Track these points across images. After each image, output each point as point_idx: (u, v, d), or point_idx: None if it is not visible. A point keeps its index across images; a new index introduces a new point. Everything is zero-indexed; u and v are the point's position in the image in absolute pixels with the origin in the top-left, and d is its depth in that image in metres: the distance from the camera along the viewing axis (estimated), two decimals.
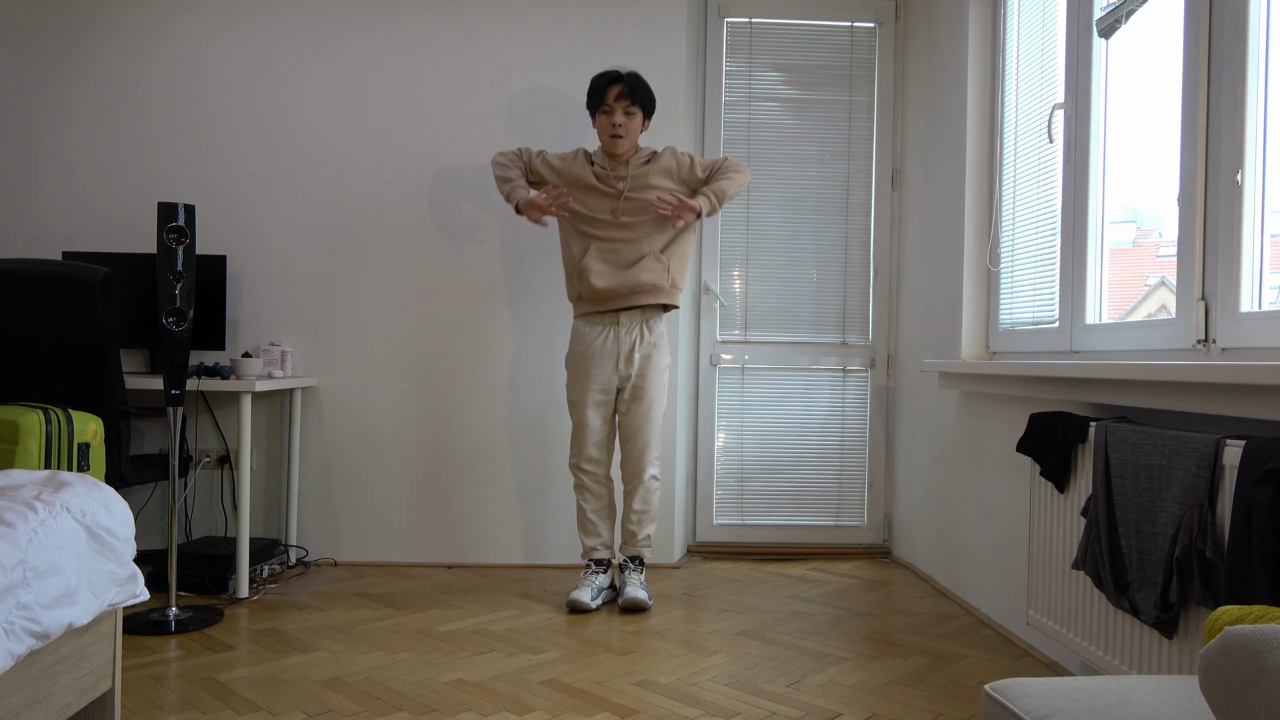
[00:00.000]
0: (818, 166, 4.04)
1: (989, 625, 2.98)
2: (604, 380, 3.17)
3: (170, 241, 2.83)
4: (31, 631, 1.59)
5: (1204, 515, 1.75)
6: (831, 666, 2.58)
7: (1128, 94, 2.51)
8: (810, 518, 4.03)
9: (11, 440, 2.43)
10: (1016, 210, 3.07)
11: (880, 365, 4.05)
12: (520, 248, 3.73)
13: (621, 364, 3.15)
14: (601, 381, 3.16)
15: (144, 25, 3.70)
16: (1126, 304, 2.56)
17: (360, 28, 3.73)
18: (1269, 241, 1.96)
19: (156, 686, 2.36)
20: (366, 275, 3.72)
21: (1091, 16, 2.59)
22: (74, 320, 2.80)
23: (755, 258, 4.03)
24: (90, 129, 3.69)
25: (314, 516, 3.72)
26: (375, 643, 2.73)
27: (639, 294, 3.13)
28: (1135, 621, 2.02)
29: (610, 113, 3.14)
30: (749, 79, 4.02)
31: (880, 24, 4.04)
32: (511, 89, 3.74)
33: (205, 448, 3.67)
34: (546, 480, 3.72)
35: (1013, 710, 1.20)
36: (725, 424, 4.03)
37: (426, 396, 3.72)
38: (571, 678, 2.46)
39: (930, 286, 3.60)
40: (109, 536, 1.85)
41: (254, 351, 3.63)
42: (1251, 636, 0.89)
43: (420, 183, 3.73)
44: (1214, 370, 1.75)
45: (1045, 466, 2.36)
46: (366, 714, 2.19)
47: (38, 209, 3.68)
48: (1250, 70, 1.96)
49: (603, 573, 3.22)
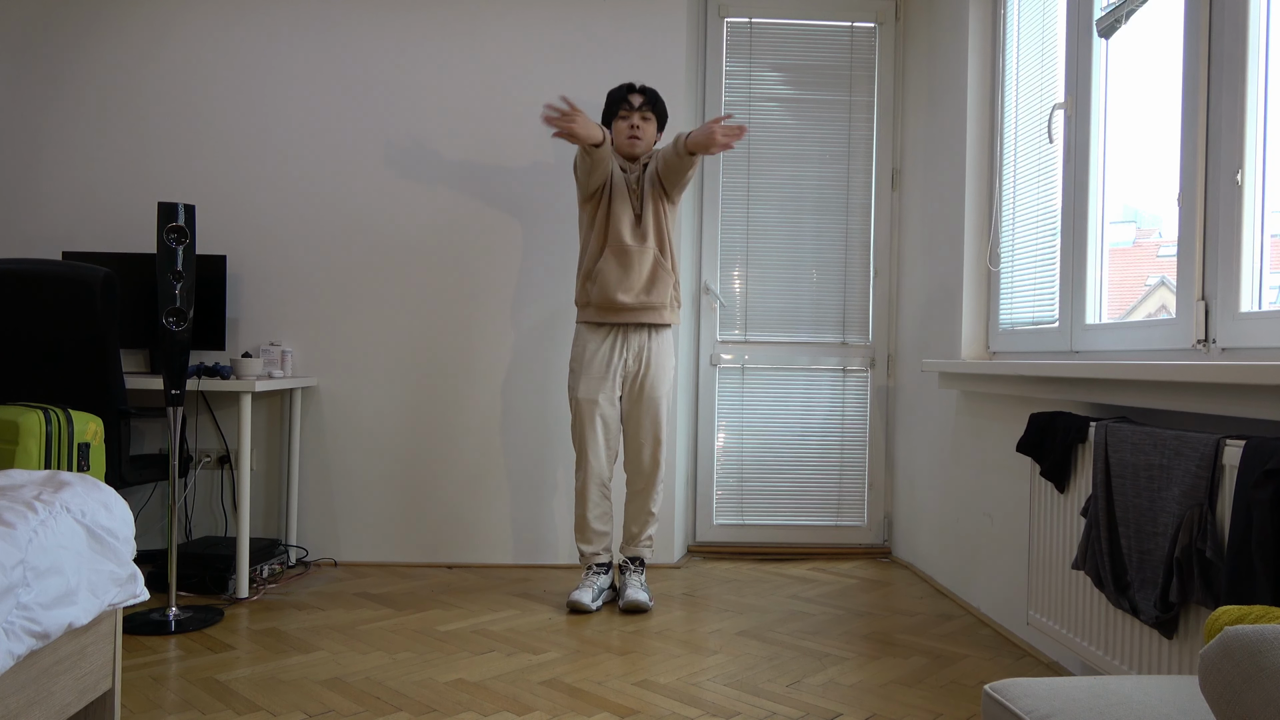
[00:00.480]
0: (818, 166, 4.04)
1: (989, 625, 2.98)
2: (611, 378, 3.16)
3: (170, 241, 2.83)
4: (31, 631, 1.59)
5: (1204, 515, 1.75)
6: (831, 666, 2.58)
7: (1128, 94, 2.51)
8: (810, 518, 4.03)
9: (11, 440, 2.43)
10: (1016, 210, 3.07)
11: (880, 365, 4.05)
12: (521, 247, 3.73)
13: (630, 360, 3.16)
14: (608, 380, 3.15)
15: (144, 25, 3.70)
16: (1126, 304, 2.56)
17: (360, 28, 3.73)
18: (1269, 241, 1.96)
19: (156, 686, 2.36)
20: (367, 275, 3.72)
21: (1091, 16, 2.59)
22: (74, 320, 2.80)
23: (755, 258, 4.03)
24: (90, 129, 3.69)
25: (314, 516, 3.72)
26: (375, 643, 2.73)
27: (649, 311, 3.15)
28: (1135, 621, 2.02)
29: (629, 115, 3.18)
30: (749, 79, 4.02)
31: (880, 24, 4.04)
32: (512, 89, 3.74)
33: (205, 448, 3.67)
34: (547, 480, 3.72)
35: (1013, 710, 1.20)
36: (725, 424, 4.03)
37: (427, 396, 3.72)
38: (571, 678, 2.46)
39: (930, 286, 3.60)
40: (109, 536, 1.85)
41: (254, 351, 3.63)
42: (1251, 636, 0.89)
43: (421, 183, 3.73)
44: (1214, 370, 1.75)
45: (1045, 466, 2.36)
46: (366, 714, 2.19)
47: (38, 209, 3.68)
48: (1250, 70, 1.96)
49: (603, 574, 3.22)
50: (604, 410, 3.16)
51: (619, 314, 3.14)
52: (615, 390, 3.18)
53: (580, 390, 3.17)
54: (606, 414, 3.17)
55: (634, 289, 3.12)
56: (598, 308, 3.16)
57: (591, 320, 3.18)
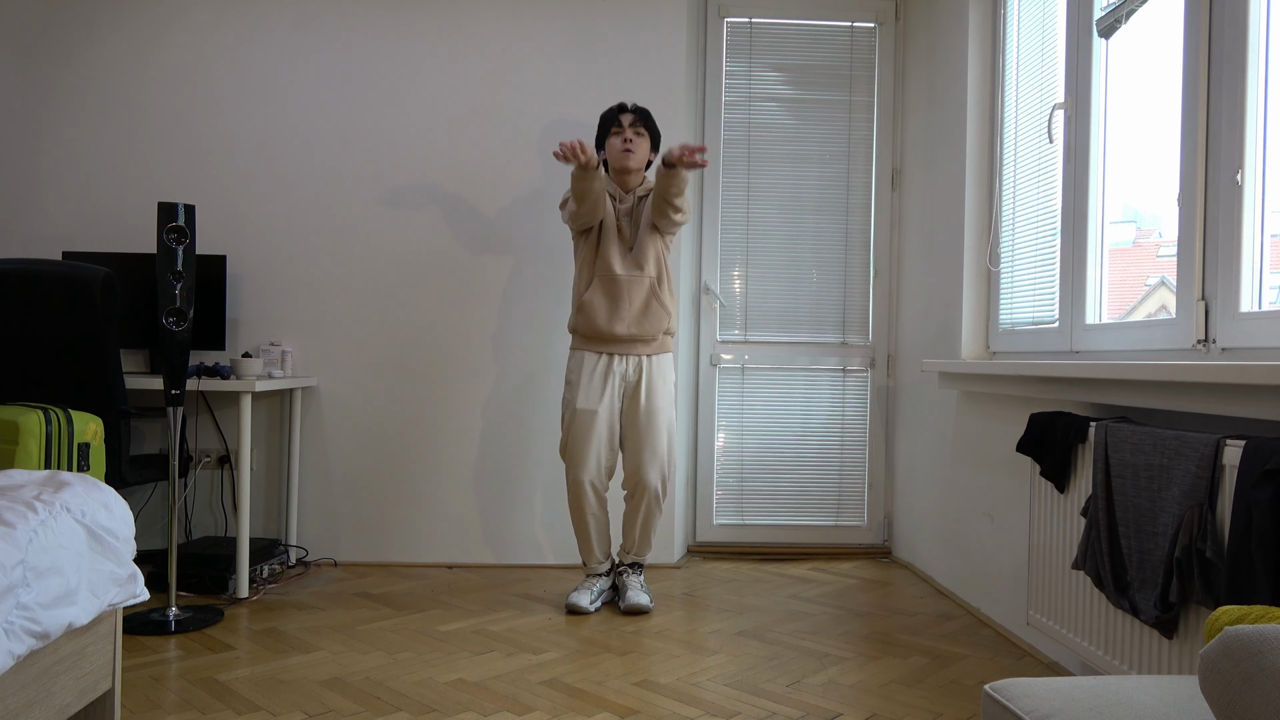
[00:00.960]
0: (818, 166, 4.04)
1: (989, 625, 2.98)
2: (609, 390, 3.09)
3: (170, 241, 2.83)
4: (31, 631, 1.59)
5: (1204, 515, 1.75)
6: (831, 666, 2.58)
7: (1128, 94, 2.51)
8: (810, 518, 4.03)
9: (11, 440, 2.43)
10: (1016, 210, 3.07)
11: (880, 365, 4.05)
12: (520, 248, 3.73)
13: (630, 371, 3.11)
14: (607, 390, 3.09)
15: (144, 26, 3.70)
16: (1126, 304, 2.56)
17: (360, 28, 3.73)
18: (1269, 241, 1.96)
19: (156, 686, 2.36)
20: (366, 275, 3.72)
21: (1091, 16, 2.59)
22: (74, 320, 2.80)
23: (755, 258, 4.03)
24: (90, 129, 3.69)
25: (314, 516, 3.72)
26: (375, 643, 2.73)
27: (640, 344, 3.12)
28: (1135, 621, 2.02)
29: (621, 131, 3.14)
30: (749, 79, 4.02)
31: (880, 24, 4.04)
32: (511, 89, 3.74)
33: (205, 448, 3.67)
34: (547, 480, 3.72)
35: (1013, 710, 1.20)
36: (725, 424, 4.03)
37: (426, 396, 3.72)
38: (571, 678, 2.46)
39: (930, 286, 3.60)
40: (109, 536, 1.85)
41: (254, 351, 3.63)
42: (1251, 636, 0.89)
43: (420, 183, 3.73)
44: (1214, 370, 1.75)
45: (1045, 466, 2.36)
46: (366, 714, 2.19)
47: (38, 209, 3.68)
48: (1250, 70, 1.96)
49: (603, 574, 3.22)
50: (601, 421, 3.07)
51: (608, 345, 3.11)
52: (615, 403, 3.11)
53: (579, 401, 3.08)
54: (604, 425, 3.08)
55: (625, 320, 3.08)
56: (585, 337, 3.13)
57: (581, 348, 3.15)
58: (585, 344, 3.14)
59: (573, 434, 3.09)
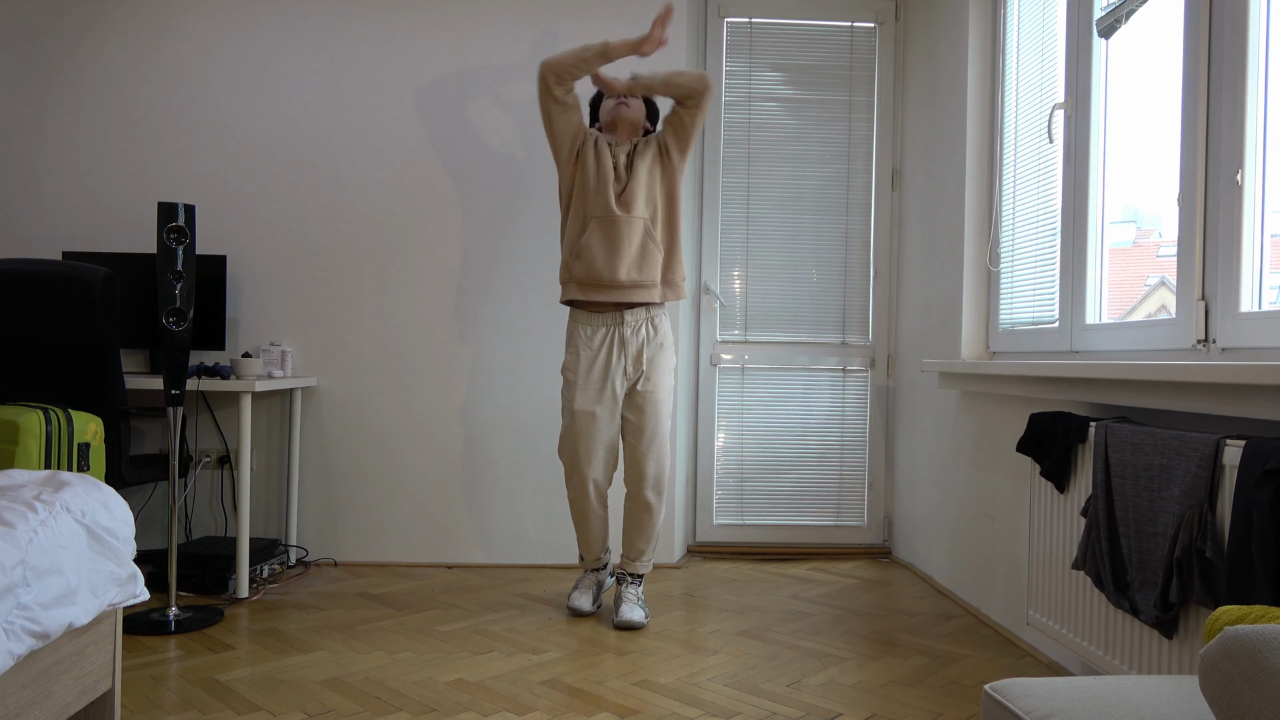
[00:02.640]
0: (818, 166, 4.04)
1: (989, 625, 2.98)
2: (609, 389, 3.00)
3: (170, 241, 2.83)
4: (31, 631, 1.59)
5: (1204, 515, 1.75)
6: (831, 666, 2.58)
7: (1128, 94, 2.51)
8: (810, 518, 4.03)
9: (11, 440, 2.43)
10: (1016, 210, 3.07)
11: (880, 365, 4.05)
12: (525, 248, 3.73)
13: (630, 365, 3.01)
14: (607, 391, 3.00)
15: (144, 26, 3.70)
16: (1126, 304, 2.56)
17: (359, 28, 3.73)
18: (1269, 241, 1.96)
19: (156, 686, 2.36)
20: (366, 275, 3.72)
21: (1091, 16, 2.59)
22: (74, 320, 2.80)
23: (755, 258, 4.03)
24: (90, 129, 3.69)
25: (314, 516, 3.72)
26: (375, 643, 2.73)
27: (640, 290, 3.00)
28: (1135, 621, 2.02)
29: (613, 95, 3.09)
30: (749, 79, 4.02)
31: (880, 24, 4.04)
32: (510, 88, 3.74)
33: (205, 448, 3.67)
34: (546, 480, 3.72)
35: (1013, 710, 1.20)
36: (725, 424, 4.03)
37: (426, 396, 3.72)
38: (571, 678, 2.46)
39: (930, 286, 3.60)
40: (109, 536, 1.85)
41: (254, 351, 3.63)
42: (1251, 636, 0.89)
43: (420, 182, 3.73)
44: (1214, 370, 1.75)
45: (1045, 466, 2.36)
46: (366, 714, 2.19)
47: (38, 209, 3.68)
48: (1250, 70, 1.96)
49: (601, 570, 3.19)
50: (602, 423, 3.01)
51: (609, 292, 2.98)
52: (616, 403, 3.01)
53: (577, 402, 2.99)
54: (604, 427, 3.00)
55: (625, 262, 2.95)
56: (582, 285, 3.00)
57: (584, 304, 3.03)
58: (584, 292, 2.99)
59: (572, 435, 3.02)
